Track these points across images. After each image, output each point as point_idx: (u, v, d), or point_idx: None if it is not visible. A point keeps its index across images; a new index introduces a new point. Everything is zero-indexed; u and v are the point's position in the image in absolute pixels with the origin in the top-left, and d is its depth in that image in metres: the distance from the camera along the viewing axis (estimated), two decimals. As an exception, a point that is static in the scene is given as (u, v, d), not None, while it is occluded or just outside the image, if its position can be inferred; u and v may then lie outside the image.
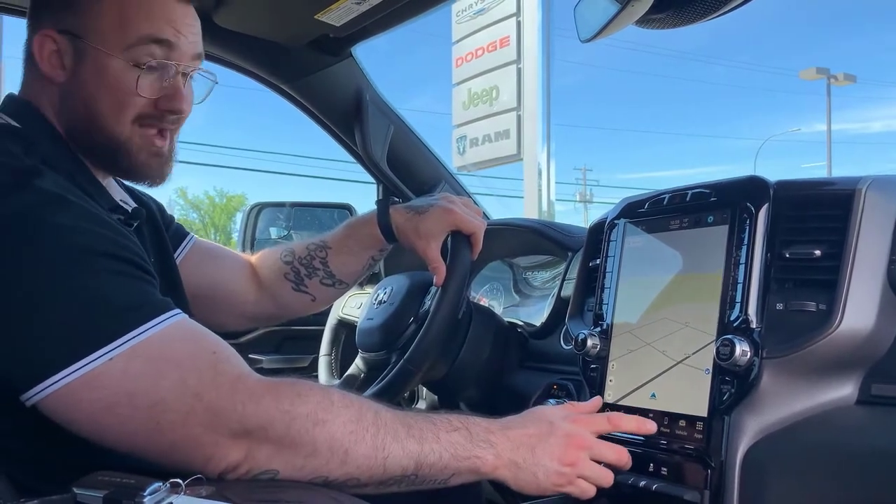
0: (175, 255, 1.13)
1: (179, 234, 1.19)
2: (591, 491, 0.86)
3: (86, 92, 0.87)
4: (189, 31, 0.90)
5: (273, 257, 1.26)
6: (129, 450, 0.72)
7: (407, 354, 1.19)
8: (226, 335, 1.96)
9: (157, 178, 0.95)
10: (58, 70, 0.88)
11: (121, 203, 0.95)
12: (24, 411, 0.72)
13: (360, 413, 0.75)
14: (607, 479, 0.87)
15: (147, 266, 0.79)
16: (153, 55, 0.87)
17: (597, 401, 0.98)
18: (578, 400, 1.12)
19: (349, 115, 1.70)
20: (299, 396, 0.73)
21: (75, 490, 0.62)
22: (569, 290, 1.26)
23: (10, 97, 0.92)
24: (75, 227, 0.74)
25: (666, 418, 0.93)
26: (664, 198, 1.05)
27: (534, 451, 0.83)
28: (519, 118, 8.37)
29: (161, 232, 1.07)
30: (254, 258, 1.29)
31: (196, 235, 1.25)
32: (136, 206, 1.00)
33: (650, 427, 0.91)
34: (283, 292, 1.25)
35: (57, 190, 0.76)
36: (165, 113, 0.90)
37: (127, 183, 1.04)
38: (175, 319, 0.74)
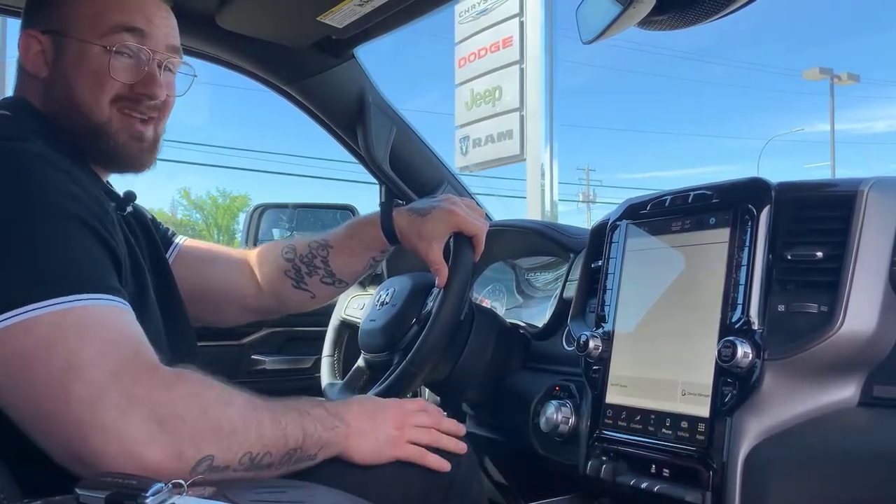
0: None
1: (167, 239, 1.21)
2: (425, 455, 0.93)
3: (66, 80, 0.92)
4: (162, 23, 0.96)
5: (274, 253, 1.27)
6: (30, 418, 0.69)
7: (409, 356, 1.19)
8: (227, 336, 1.98)
9: (139, 164, 0.97)
10: (41, 66, 0.93)
11: (113, 190, 0.98)
12: None
13: (249, 395, 0.80)
14: (428, 438, 0.95)
15: (112, 244, 0.80)
16: (125, 42, 0.92)
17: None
18: (581, 402, 1.12)
19: (352, 117, 1.70)
20: (205, 383, 0.76)
21: (78, 490, 0.62)
22: (571, 291, 1.26)
23: (5, 98, 0.96)
24: (49, 182, 0.76)
25: (668, 419, 0.93)
26: (666, 199, 1.05)
27: (374, 420, 0.92)
28: (522, 118, 8.36)
29: (152, 233, 1.08)
30: (254, 252, 1.30)
31: (188, 237, 1.26)
32: (127, 190, 1.02)
33: (462, 448, 0.98)
34: (283, 288, 1.26)
35: (43, 151, 0.79)
36: (142, 97, 0.94)
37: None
38: (114, 303, 0.74)
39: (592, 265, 1.18)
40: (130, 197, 1.00)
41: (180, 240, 1.23)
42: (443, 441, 0.96)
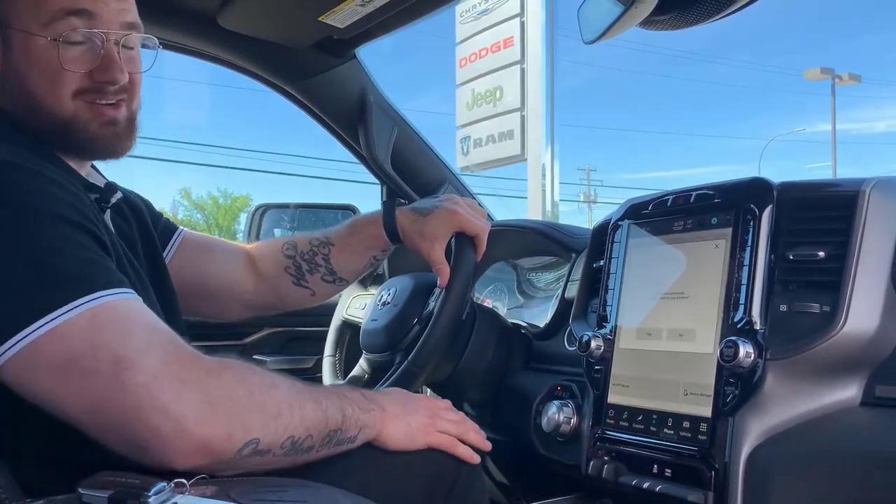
0: (165, 252, 1.13)
1: (168, 229, 1.19)
2: (450, 443, 0.95)
3: (19, 77, 0.85)
4: (110, 3, 0.87)
5: (275, 249, 1.26)
6: (91, 418, 0.69)
7: (411, 356, 1.19)
8: (229, 336, 1.98)
9: (117, 150, 0.92)
10: None
11: (93, 182, 0.94)
12: (31, 410, 0.73)
13: (291, 380, 0.82)
14: (457, 429, 0.97)
15: (103, 241, 0.79)
16: (74, 28, 0.84)
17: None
18: (583, 402, 1.12)
19: (353, 117, 1.70)
20: (248, 369, 0.78)
21: (80, 490, 0.62)
22: (573, 291, 1.26)
23: None
24: (34, 189, 0.74)
25: (670, 419, 0.93)
26: (668, 199, 1.05)
27: (406, 407, 0.95)
28: (523, 118, 8.36)
29: (148, 226, 1.07)
30: (254, 247, 1.29)
31: (187, 229, 1.25)
32: (108, 181, 0.98)
33: (487, 446, 1.02)
34: (283, 285, 1.25)
35: (8, 157, 0.76)
36: (104, 84, 0.87)
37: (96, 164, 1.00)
38: (131, 296, 0.75)
39: (594, 265, 1.18)
40: (112, 188, 0.95)
41: (181, 231, 1.22)
42: (470, 435, 0.99)
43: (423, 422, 0.95)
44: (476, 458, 0.98)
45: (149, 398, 0.68)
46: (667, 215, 1.04)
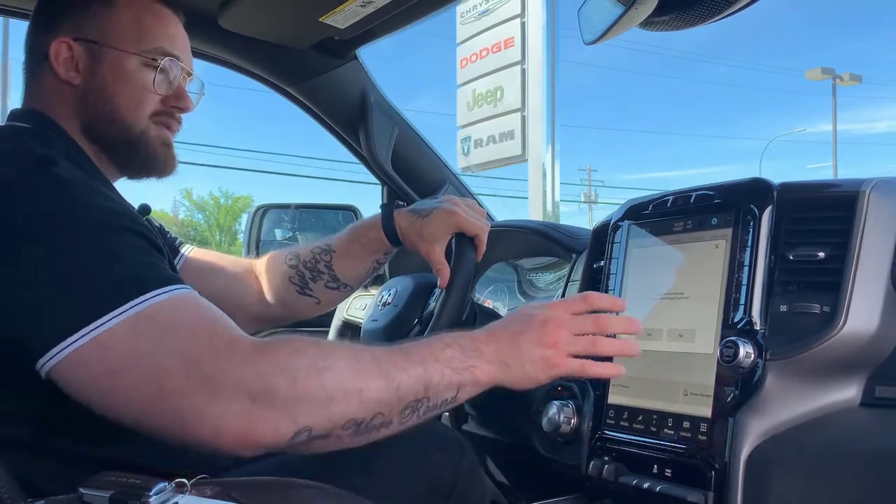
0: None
1: (174, 248, 1.22)
2: (585, 367, 0.85)
3: (105, 91, 0.94)
4: (187, 51, 1.03)
5: (278, 260, 1.27)
6: (137, 420, 0.71)
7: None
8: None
9: (169, 168, 1.03)
10: (72, 73, 0.94)
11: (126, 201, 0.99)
12: (32, 411, 0.73)
13: (357, 354, 0.76)
14: (597, 347, 0.85)
15: (157, 243, 0.81)
16: (165, 56, 0.97)
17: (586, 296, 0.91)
18: (583, 402, 1.12)
19: (354, 117, 1.71)
20: (296, 352, 0.73)
21: (81, 490, 0.62)
22: (573, 291, 1.26)
23: (14, 112, 0.96)
24: (89, 202, 0.77)
25: (670, 419, 0.93)
26: (668, 200, 1.05)
27: (517, 345, 0.84)
28: (523, 119, 8.34)
29: (161, 244, 1.09)
30: (259, 262, 1.30)
31: (194, 244, 1.26)
32: (142, 203, 1.06)
33: (633, 350, 0.88)
34: (288, 295, 1.26)
35: (70, 176, 0.79)
36: (174, 110, 1.00)
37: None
38: (180, 292, 0.75)
39: (594, 266, 1.18)
40: (145, 210, 1.05)
41: (186, 249, 1.24)
42: (607, 348, 0.86)
43: (542, 356, 0.84)
44: (619, 371, 0.88)
45: (184, 404, 0.68)
46: (667, 216, 1.04)
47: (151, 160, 0.99)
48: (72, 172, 0.80)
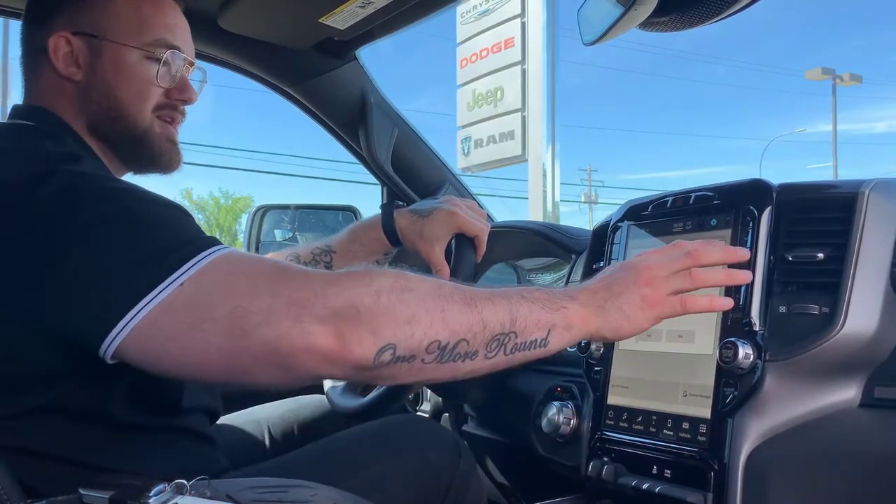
0: None
1: None
2: (687, 303, 0.82)
3: (107, 85, 0.93)
4: (188, 40, 1.00)
5: None
6: (228, 369, 0.70)
7: (411, 356, 1.19)
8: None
9: (174, 164, 1.02)
10: (73, 69, 0.92)
11: None
12: (34, 412, 0.73)
13: (438, 283, 0.76)
14: (695, 280, 0.81)
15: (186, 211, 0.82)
16: (166, 48, 0.95)
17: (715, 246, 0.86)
18: (583, 403, 1.12)
19: (354, 118, 1.71)
20: (378, 274, 0.73)
21: (81, 491, 0.62)
22: (572, 292, 1.26)
23: (17, 108, 0.95)
24: (122, 187, 0.77)
25: (669, 420, 0.93)
26: (667, 201, 1.05)
27: (611, 289, 0.81)
28: (523, 119, 8.34)
29: None
30: None
31: None
32: None
33: (724, 303, 0.84)
34: None
35: (93, 170, 0.80)
36: (177, 102, 0.99)
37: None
38: (229, 249, 0.75)
39: (594, 266, 1.18)
40: None
41: None
42: (709, 277, 0.82)
43: (641, 295, 0.80)
44: (727, 304, 0.84)
45: (270, 332, 0.68)
46: (666, 216, 1.04)
47: (157, 157, 0.99)
48: (91, 165, 0.80)
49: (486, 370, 0.76)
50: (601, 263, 1.14)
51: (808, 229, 0.90)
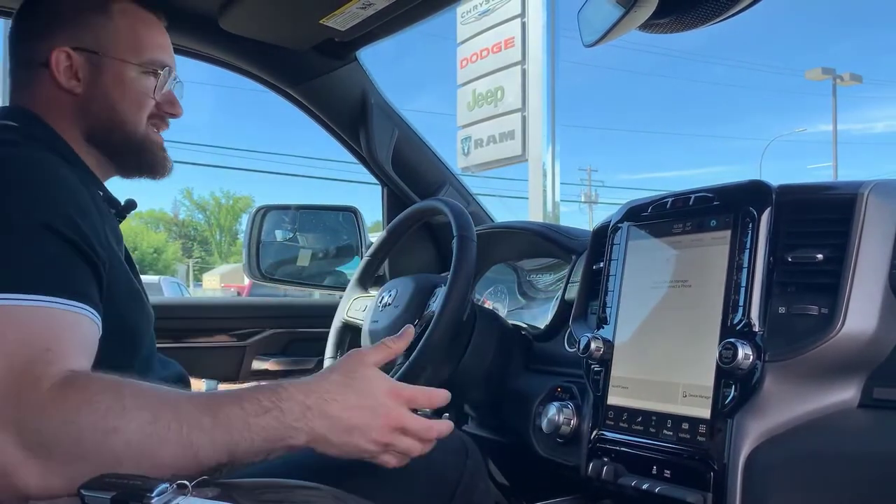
0: None
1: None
2: (394, 461, 0.83)
3: (108, 98, 1.01)
4: (172, 55, 1.10)
5: None
6: None
7: (412, 357, 1.19)
8: (230, 337, 1.98)
9: (163, 171, 1.10)
10: (73, 82, 0.99)
11: (115, 198, 1.06)
12: None
13: (157, 412, 0.70)
14: (414, 450, 0.84)
15: (91, 254, 0.79)
16: (159, 66, 1.05)
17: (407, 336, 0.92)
18: (583, 403, 1.12)
19: (354, 119, 1.71)
20: (88, 404, 0.67)
21: (83, 492, 0.62)
22: (573, 292, 1.26)
23: (5, 108, 1.00)
24: (42, 193, 0.79)
25: (669, 420, 0.94)
26: (667, 202, 1.05)
27: (350, 433, 0.79)
28: (524, 119, 8.34)
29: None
30: None
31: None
32: (129, 199, 1.10)
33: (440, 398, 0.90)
34: None
35: (42, 157, 0.83)
36: (166, 115, 1.08)
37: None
38: (47, 304, 0.72)
39: (594, 267, 1.19)
40: (131, 205, 1.09)
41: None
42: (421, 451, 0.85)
43: (368, 450, 0.81)
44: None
45: None
46: (666, 217, 1.04)
47: (153, 164, 1.07)
48: (41, 154, 0.84)
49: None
50: (601, 264, 1.14)
51: (807, 230, 0.90)
